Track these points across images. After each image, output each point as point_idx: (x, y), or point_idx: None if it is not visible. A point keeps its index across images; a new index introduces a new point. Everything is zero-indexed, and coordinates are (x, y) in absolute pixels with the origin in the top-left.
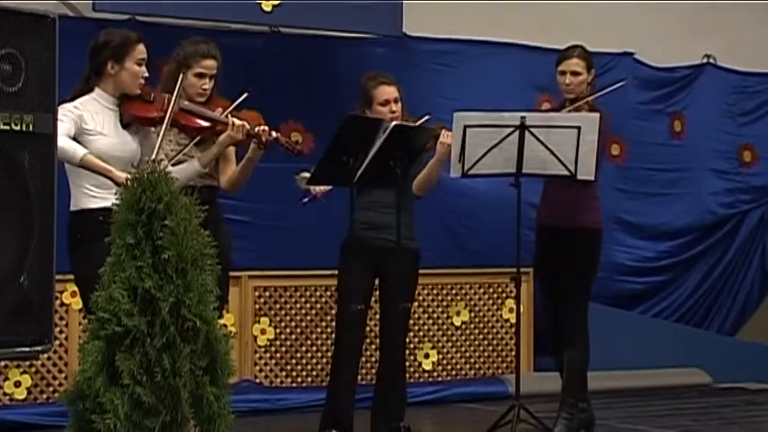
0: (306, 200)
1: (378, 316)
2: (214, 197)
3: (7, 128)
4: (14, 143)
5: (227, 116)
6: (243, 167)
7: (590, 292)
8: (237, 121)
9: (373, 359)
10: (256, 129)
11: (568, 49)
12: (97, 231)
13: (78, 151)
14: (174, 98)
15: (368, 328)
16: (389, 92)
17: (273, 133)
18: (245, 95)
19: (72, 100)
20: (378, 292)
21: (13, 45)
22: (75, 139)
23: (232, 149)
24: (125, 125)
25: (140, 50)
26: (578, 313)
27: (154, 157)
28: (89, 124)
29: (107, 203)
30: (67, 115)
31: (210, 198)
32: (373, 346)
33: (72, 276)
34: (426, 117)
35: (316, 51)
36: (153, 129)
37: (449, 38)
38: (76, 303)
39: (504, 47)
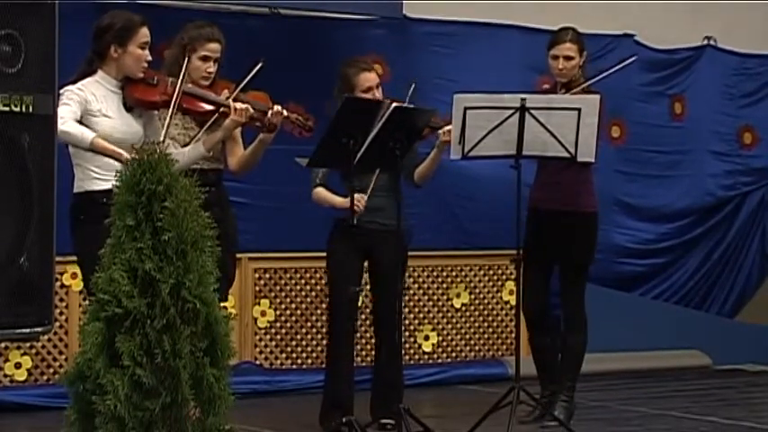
0: (354, 221)
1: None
2: (220, 180)
3: (7, 109)
4: (14, 124)
5: (229, 100)
6: (253, 150)
7: (588, 275)
8: (240, 105)
9: (373, 340)
10: (268, 111)
11: (560, 33)
12: (100, 213)
13: (87, 135)
14: (179, 82)
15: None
16: (371, 78)
17: (285, 111)
18: (259, 65)
19: (75, 82)
20: (368, 275)
21: (13, 26)
22: (79, 121)
23: (239, 130)
24: (128, 108)
25: (144, 34)
26: (578, 298)
27: (162, 139)
28: (93, 106)
29: (110, 185)
30: (73, 99)
31: (217, 181)
32: (373, 328)
33: (72, 258)
34: (413, 86)
35: (316, 33)
36: (156, 112)
37: (449, 19)
38: (77, 285)
39: (504, 28)
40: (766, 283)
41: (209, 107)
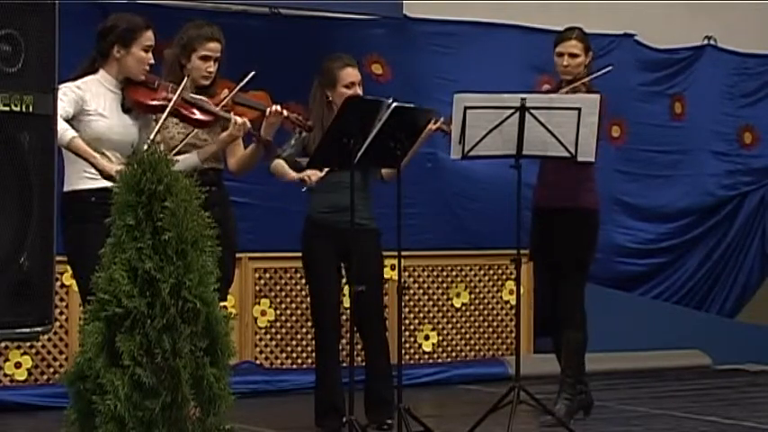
0: (305, 189)
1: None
2: (220, 179)
3: (7, 108)
4: (14, 124)
5: (230, 112)
6: (253, 152)
7: (588, 273)
8: (239, 120)
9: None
10: (267, 109)
11: (566, 31)
12: (89, 212)
13: (68, 134)
14: (180, 88)
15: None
16: (354, 74)
17: (285, 112)
18: (251, 74)
19: (76, 79)
20: (345, 275)
21: (13, 26)
22: (73, 118)
23: None
24: (126, 110)
25: (148, 37)
26: (577, 294)
27: (152, 138)
28: (90, 105)
29: (100, 184)
30: (67, 95)
31: (217, 180)
32: (357, 329)
33: None
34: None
35: (316, 33)
36: (153, 116)
37: (449, 19)
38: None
39: (504, 28)
40: (766, 283)
41: (207, 118)
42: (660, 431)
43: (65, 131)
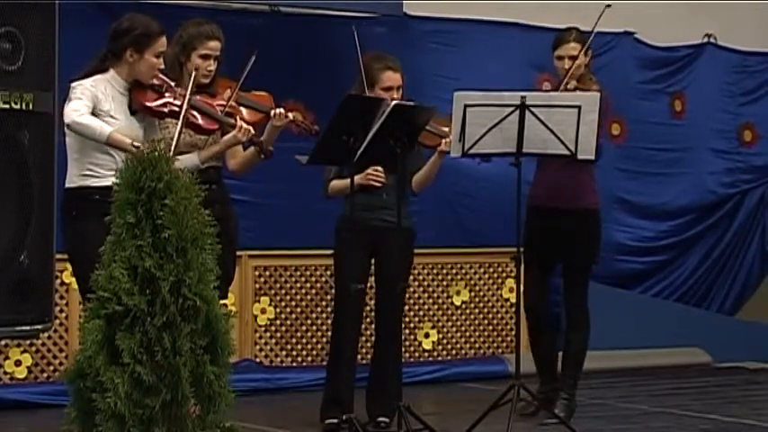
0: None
1: (371, 296)
2: (220, 177)
3: (7, 106)
4: (14, 122)
5: (233, 115)
6: (253, 155)
7: (591, 273)
8: (245, 126)
9: (370, 337)
10: (272, 112)
11: (564, 33)
12: (92, 210)
13: (105, 129)
14: (186, 96)
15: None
16: (395, 78)
17: (290, 115)
18: (253, 57)
19: (86, 76)
20: (374, 272)
21: (13, 24)
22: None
23: None
24: (132, 111)
25: (162, 43)
26: (581, 296)
27: (171, 154)
28: (102, 106)
29: (104, 182)
30: (86, 94)
31: (217, 178)
32: (374, 325)
33: None
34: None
35: (316, 30)
36: (158, 119)
37: (449, 17)
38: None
39: (504, 26)
40: (766, 281)
41: (210, 126)
42: (660, 429)
43: (101, 127)
